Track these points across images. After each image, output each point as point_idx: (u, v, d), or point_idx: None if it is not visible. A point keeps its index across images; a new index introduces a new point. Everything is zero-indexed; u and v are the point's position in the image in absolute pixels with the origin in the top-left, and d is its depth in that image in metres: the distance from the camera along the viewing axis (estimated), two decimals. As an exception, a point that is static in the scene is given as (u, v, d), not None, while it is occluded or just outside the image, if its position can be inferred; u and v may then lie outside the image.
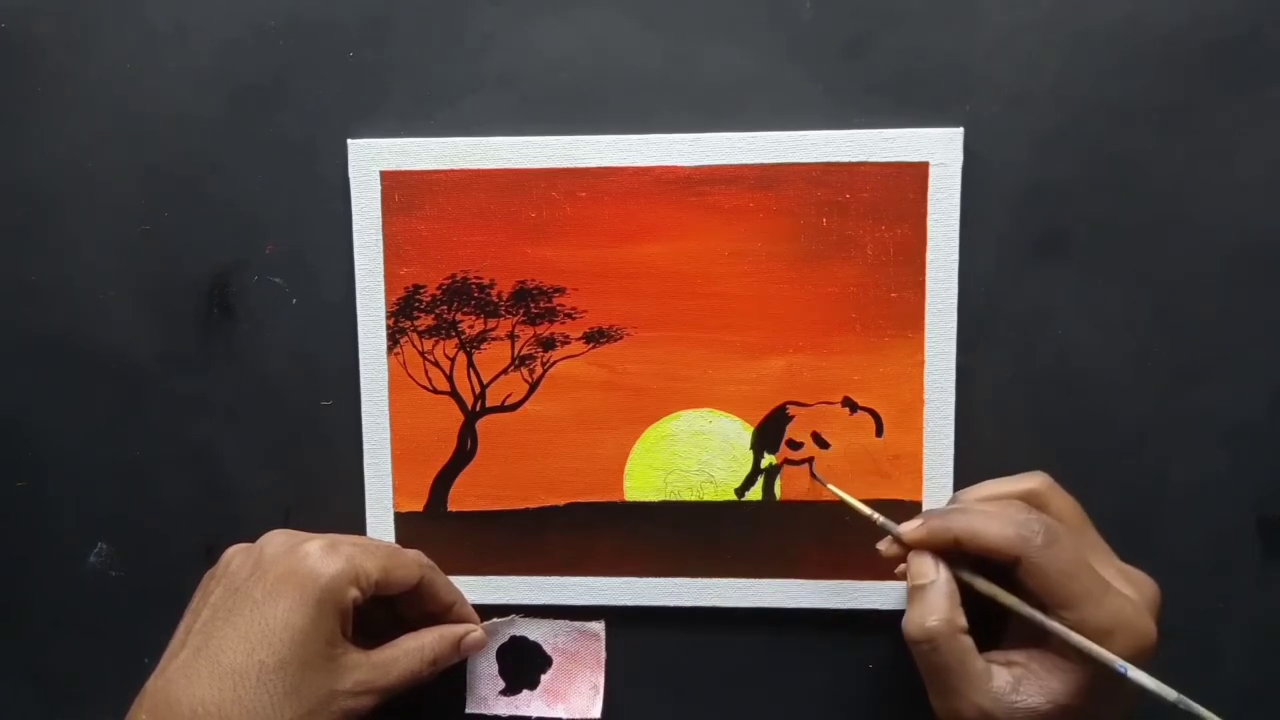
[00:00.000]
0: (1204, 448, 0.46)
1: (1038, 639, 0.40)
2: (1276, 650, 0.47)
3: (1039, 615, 0.39)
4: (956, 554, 0.41)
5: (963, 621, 0.40)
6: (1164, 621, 0.40)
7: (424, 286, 0.47)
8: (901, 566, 0.42)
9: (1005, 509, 0.40)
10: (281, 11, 0.47)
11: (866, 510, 0.44)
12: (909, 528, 0.42)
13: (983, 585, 0.41)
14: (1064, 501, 0.42)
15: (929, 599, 0.40)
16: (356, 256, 0.47)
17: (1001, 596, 0.40)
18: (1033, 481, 0.42)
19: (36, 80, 0.48)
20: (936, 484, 0.46)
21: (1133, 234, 0.45)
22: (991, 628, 0.42)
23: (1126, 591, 0.40)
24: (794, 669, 0.48)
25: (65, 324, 0.49)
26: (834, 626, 0.47)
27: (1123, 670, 0.38)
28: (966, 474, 0.46)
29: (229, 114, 0.47)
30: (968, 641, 0.40)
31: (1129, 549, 0.42)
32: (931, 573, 0.41)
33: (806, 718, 0.48)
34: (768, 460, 0.47)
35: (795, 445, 0.47)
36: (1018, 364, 0.46)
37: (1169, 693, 0.38)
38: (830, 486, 0.46)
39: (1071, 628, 0.39)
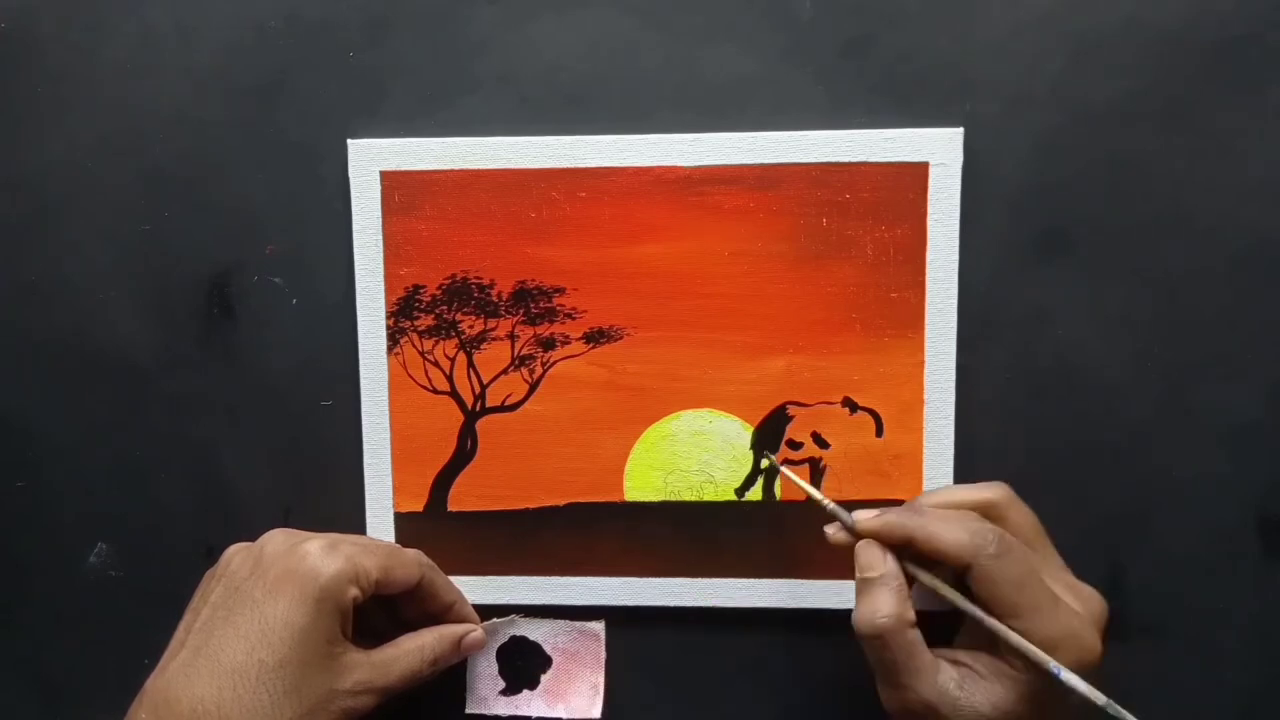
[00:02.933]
0: (1204, 447, 0.46)
1: (986, 644, 0.40)
2: (1276, 650, 0.47)
3: (979, 612, 0.40)
4: (905, 550, 0.41)
5: (911, 615, 0.40)
6: (1110, 635, 0.41)
7: (424, 286, 0.47)
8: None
9: (962, 518, 0.40)
10: (281, 11, 0.47)
11: (816, 494, 0.44)
12: (863, 516, 0.42)
13: (926, 578, 0.41)
14: (1022, 515, 0.42)
15: (878, 593, 0.40)
16: (356, 256, 0.47)
17: (943, 590, 0.41)
18: (993, 492, 0.42)
19: (36, 80, 0.48)
20: (936, 484, 0.46)
21: (1133, 234, 0.45)
22: (942, 625, 0.42)
23: (1074, 606, 0.40)
24: (794, 669, 0.48)
25: (65, 324, 0.49)
26: (833, 626, 0.47)
27: (1055, 672, 0.38)
28: (967, 474, 0.46)
29: (229, 114, 0.48)
30: (916, 635, 0.40)
31: (1129, 549, 0.42)
32: (879, 565, 0.41)
33: (806, 717, 0.48)
34: (767, 461, 0.47)
35: (795, 445, 0.47)
36: (1018, 364, 0.46)
37: (1099, 697, 0.38)
38: (783, 469, 0.45)
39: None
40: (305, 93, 0.47)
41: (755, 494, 0.47)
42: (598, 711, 0.49)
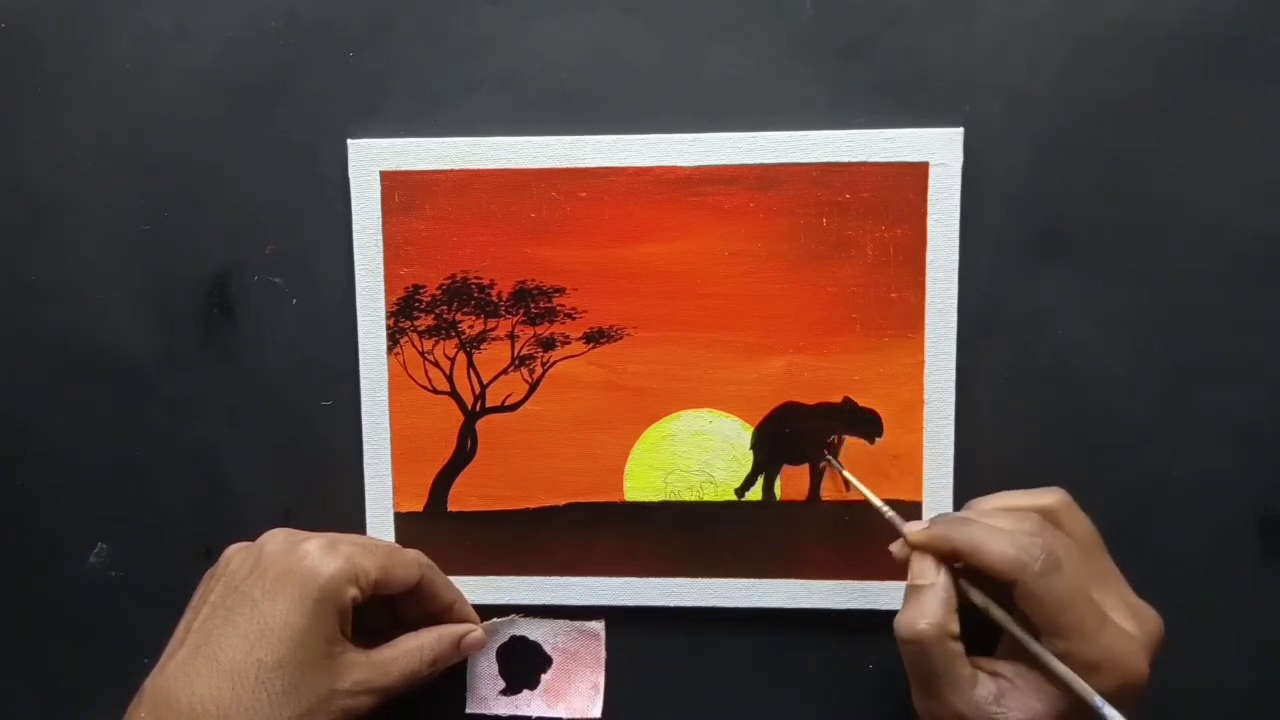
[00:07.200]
0: (1204, 448, 0.46)
1: (1028, 657, 0.40)
2: (1276, 650, 0.47)
3: (1025, 636, 0.39)
4: (959, 563, 0.40)
5: (954, 627, 0.39)
6: (1165, 626, 0.40)
7: (424, 286, 0.47)
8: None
9: (1018, 524, 0.40)
10: (281, 11, 0.47)
11: (877, 501, 0.44)
12: (912, 529, 0.41)
13: (977, 597, 0.41)
14: (1079, 523, 0.41)
15: (924, 601, 0.40)
16: (356, 256, 0.47)
17: (993, 610, 0.40)
18: (1049, 498, 0.41)
19: (36, 80, 0.48)
20: (936, 484, 0.46)
21: (1133, 234, 0.45)
22: (989, 635, 0.42)
23: (1126, 625, 0.39)
24: (794, 669, 0.48)
25: (65, 324, 0.49)
26: (834, 626, 0.47)
27: (1099, 706, 0.37)
28: (966, 474, 0.46)
29: (229, 114, 0.48)
30: (957, 647, 0.39)
31: (1129, 549, 0.42)
32: (931, 575, 0.40)
33: (806, 718, 0.48)
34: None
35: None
36: (1018, 364, 0.46)
37: None
38: (846, 474, 0.46)
39: (1060, 656, 0.38)
40: (305, 93, 0.47)
41: (755, 494, 0.47)
42: (598, 711, 0.49)
